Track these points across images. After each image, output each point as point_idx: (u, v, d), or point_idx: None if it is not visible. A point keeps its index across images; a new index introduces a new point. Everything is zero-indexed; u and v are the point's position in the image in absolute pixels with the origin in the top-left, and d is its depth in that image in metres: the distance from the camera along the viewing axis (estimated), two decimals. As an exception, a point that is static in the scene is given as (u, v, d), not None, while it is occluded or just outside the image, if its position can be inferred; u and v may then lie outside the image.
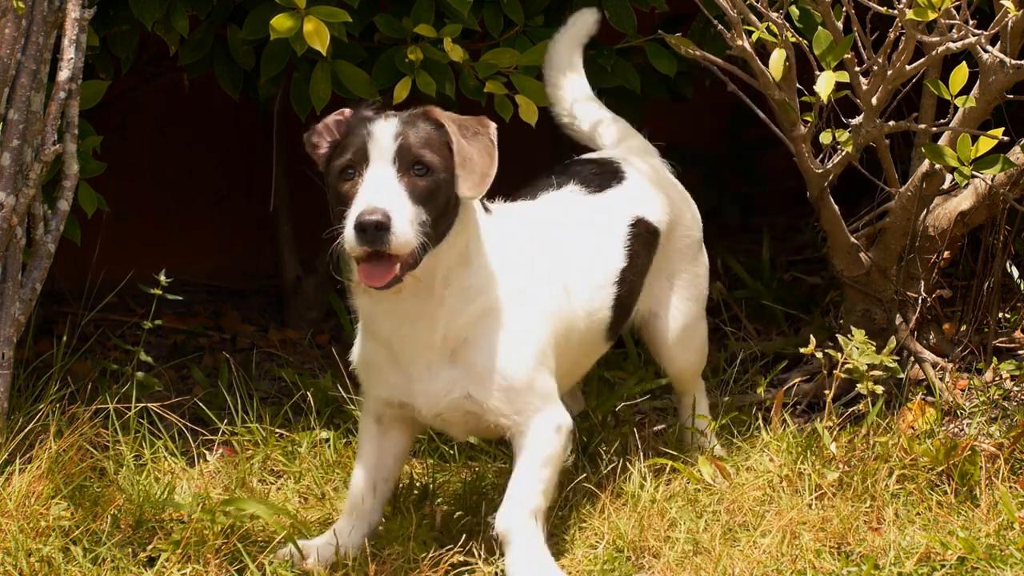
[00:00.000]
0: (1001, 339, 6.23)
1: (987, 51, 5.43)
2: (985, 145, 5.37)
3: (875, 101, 5.49)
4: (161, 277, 5.81)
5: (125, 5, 5.63)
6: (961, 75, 5.30)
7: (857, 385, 5.36)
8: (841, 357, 5.34)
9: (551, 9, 5.93)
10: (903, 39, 5.34)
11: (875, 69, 5.43)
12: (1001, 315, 6.27)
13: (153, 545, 4.83)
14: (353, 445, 5.49)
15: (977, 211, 5.96)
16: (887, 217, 5.88)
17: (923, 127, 5.66)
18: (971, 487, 5.15)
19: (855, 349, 5.34)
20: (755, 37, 5.37)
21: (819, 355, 5.38)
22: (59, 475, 4.97)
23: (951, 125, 5.56)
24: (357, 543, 4.91)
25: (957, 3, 5.24)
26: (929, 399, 5.83)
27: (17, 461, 5.01)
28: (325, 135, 4.69)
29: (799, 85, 5.52)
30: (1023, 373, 5.82)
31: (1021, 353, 6.21)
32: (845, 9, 5.37)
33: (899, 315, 5.99)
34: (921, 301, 5.98)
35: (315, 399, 5.78)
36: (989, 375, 6.01)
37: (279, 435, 5.65)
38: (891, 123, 5.58)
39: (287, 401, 5.93)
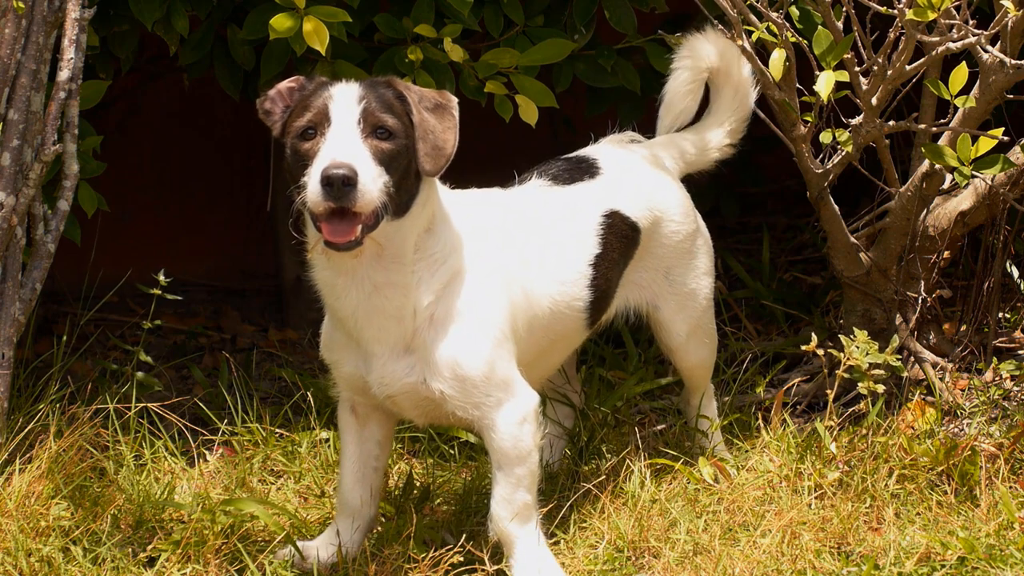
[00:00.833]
0: (1001, 339, 6.23)
1: (987, 51, 5.43)
2: (985, 145, 5.37)
3: (875, 101, 5.49)
4: (160, 277, 5.81)
5: (125, 5, 5.63)
6: (961, 75, 5.30)
7: (858, 384, 5.36)
8: (843, 356, 5.34)
9: (551, 9, 5.93)
10: (903, 39, 5.34)
11: (875, 69, 5.43)
12: (1001, 315, 6.27)
13: (153, 545, 4.83)
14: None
15: (977, 211, 5.96)
16: (887, 217, 5.88)
17: (923, 127, 5.66)
18: (971, 487, 5.16)
19: (857, 348, 5.34)
20: (755, 37, 5.37)
21: (820, 353, 5.37)
22: (59, 475, 4.97)
23: (951, 125, 5.56)
24: (357, 542, 4.92)
25: (957, 3, 5.24)
26: (929, 399, 5.83)
27: (17, 461, 5.01)
28: (279, 101, 4.69)
29: (799, 85, 5.52)
30: (1023, 373, 5.82)
31: (1021, 353, 6.21)
32: (845, 9, 5.37)
33: (899, 315, 5.99)
34: (921, 301, 5.98)
35: (315, 399, 5.78)
36: (989, 375, 6.01)
37: (279, 435, 5.64)
38: (891, 123, 5.58)
39: (287, 401, 5.93)
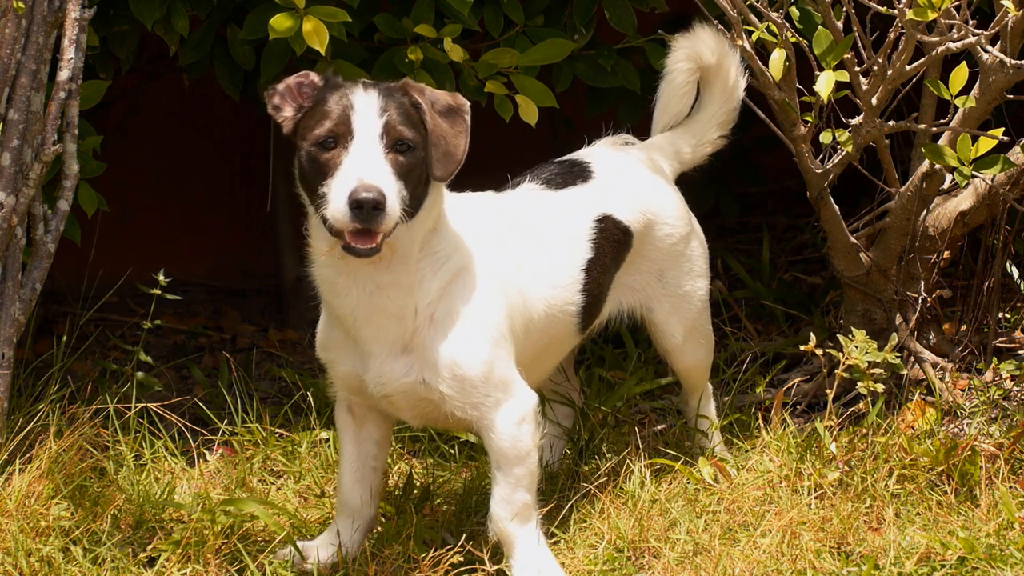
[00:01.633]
0: (1001, 339, 6.22)
1: (987, 51, 5.43)
2: (985, 145, 5.37)
3: (875, 101, 5.49)
4: (160, 277, 5.81)
5: (125, 5, 5.62)
6: (961, 75, 5.30)
7: (858, 384, 5.36)
8: (842, 356, 5.34)
9: (551, 9, 5.93)
10: (903, 39, 5.34)
11: (875, 69, 5.43)
12: (1001, 315, 6.27)
13: (153, 545, 4.83)
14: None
15: (977, 211, 5.96)
16: (887, 217, 5.88)
17: (923, 127, 5.66)
18: (971, 487, 5.15)
19: (855, 348, 5.34)
20: (755, 37, 5.37)
21: (819, 353, 5.37)
22: (59, 475, 4.97)
23: (951, 125, 5.56)
24: (357, 542, 4.92)
25: (957, 3, 5.24)
26: (929, 399, 5.83)
27: (17, 461, 5.01)
28: (289, 98, 4.67)
29: (799, 85, 5.52)
30: (1023, 373, 5.82)
31: (1021, 353, 6.21)
32: (845, 9, 5.37)
33: (899, 315, 5.99)
34: (921, 301, 5.98)
35: (315, 399, 5.77)
36: (989, 375, 6.01)
37: (279, 435, 5.64)
38: (891, 123, 5.58)
39: (287, 401, 5.93)
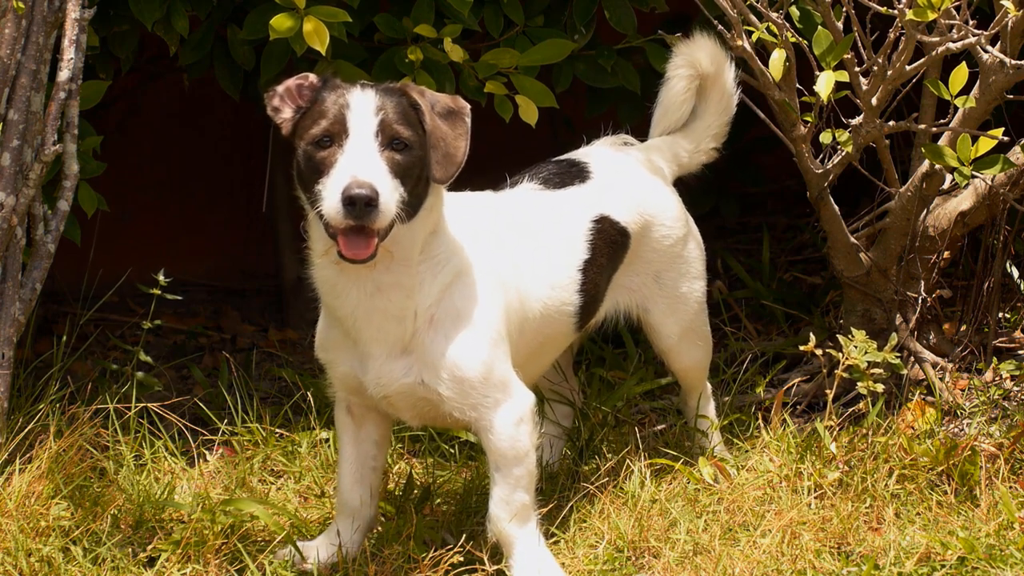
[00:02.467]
0: (1001, 339, 6.22)
1: (987, 51, 5.43)
2: (985, 145, 5.37)
3: (875, 101, 5.49)
4: (160, 277, 5.81)
5: (125, 5, 5.62)
6: (961, 75, 5.30)
7: (858, 384, 5.36)
8: (842, 356, 5.34)
9: (551, 9, 5.92)
10: (903, 39, 5.34)
11: (875, 69, 5.43)
12: (1001, 315, 6.27)
13: (153, 545, 4.83)
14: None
15: (977, 211, 5.96)
16: (887, 217, 5.88)
17: (923, 127, 5.66)
18: (971, 487, 5.15)
19: (855, 347, 5.34)
20: (755, 37, 5.37)
21: (819, 353, 5.37)
22: (59, 475, 4.97)
23: (951, 125, 5.56)
24: (357, 542, 4.92)
25: (957, 3, 5.24)
26: (929, 399, 5.83)
27: (17, 461, 5.01)
28: (288, 99, 4.67)
29: (799, 85, 5.52)
30: (1023, 373, 5.82)
31: (1021, 353, 6.21)
32: (845, 9, 5.37)
33: (899, 315, 5.99)
34: (921, 301, 5.98)
35: (315, 399, 5.77)
36: (989, 375, 6.01)
37: (279, 435, 5.64)
38: (891, 123, 5.58)
39: (287, 401, 5.93)
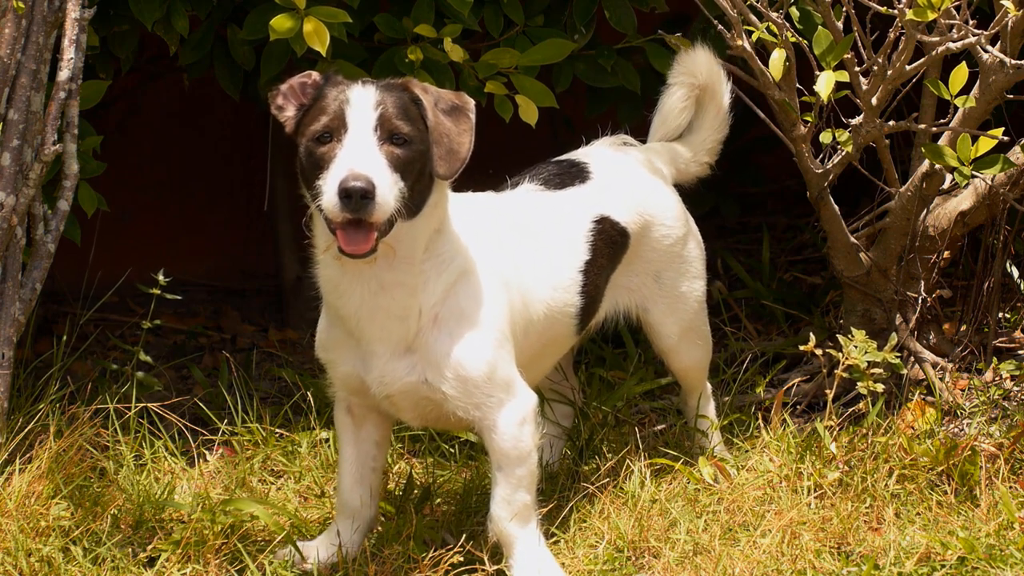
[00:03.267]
0: (1001, 339, 6.22)
1: (987, 51, 5.43)
2: (985, 145, 5.37)
3: (875, 101, 5.49)
4: (160, 277, 5.81)
5: (125, 5, 5.63)
6: (961, 75, 5.30)
7: (858, 384, 5.36)
8: (842, 356, 5.34)
9: (551, 9, 5.93)
10: (903, 39, 5.34)
11: (875, 69, 5.43)
12: (1001, 315, 6.27)
13: (153, 545, 4.83)
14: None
15: (977, 211, 5.96)
16: (887, 217, 5.88)
17: (923, 127, 5.66)
18: (971, 487, 5.15)
19: (855, 347, 5.34)
20: (755, 37, 5.37)
21: (819, 353, 5.37)
22: (59, 475, 4.97)
23: (951, 125, 5.56)
24: (357, 542, 4.92)
25: (957, 3, 5.24)
26: (929, 399, 5.83)
27: (17, 461, 5.01)
28: (291, 98, 4.68)
29: (799, 85, 5.52)
30: (1023, 373, 5.82)
31: (1021, 353, 6.21)
32: (845, 9, 5.37)
33: (899, 315, 5.99)
34: (921, 301, 5.98)
35: (315, 399, 5.77)
36: (989, 375, 6.01)
37: (279, 435, 5.64)
38: (891, 123, 5.58)
39: (287, 401, 5.93)
